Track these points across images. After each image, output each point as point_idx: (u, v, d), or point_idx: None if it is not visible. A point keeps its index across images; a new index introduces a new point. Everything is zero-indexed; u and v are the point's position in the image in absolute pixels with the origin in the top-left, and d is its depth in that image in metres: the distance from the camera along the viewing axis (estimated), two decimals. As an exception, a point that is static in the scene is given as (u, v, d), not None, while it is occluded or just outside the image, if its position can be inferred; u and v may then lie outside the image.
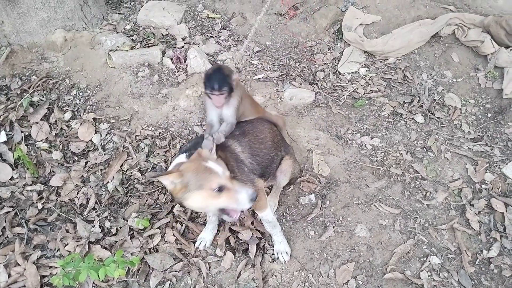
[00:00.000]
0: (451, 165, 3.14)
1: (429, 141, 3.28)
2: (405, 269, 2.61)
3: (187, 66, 3.69)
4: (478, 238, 2.76)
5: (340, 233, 2.76)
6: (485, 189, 2.99)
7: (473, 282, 2.58)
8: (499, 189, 2.99)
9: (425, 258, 2.65)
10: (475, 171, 3.09)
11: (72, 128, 3.32)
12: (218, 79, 2.30)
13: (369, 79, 3.76)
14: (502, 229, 2.77)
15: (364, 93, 3.66)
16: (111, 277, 2.51)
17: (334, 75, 3.81)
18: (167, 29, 4.06)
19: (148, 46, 3.87)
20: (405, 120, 3.45)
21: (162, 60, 3.76)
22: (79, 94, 3.55)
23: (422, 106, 3.51)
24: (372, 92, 3.67)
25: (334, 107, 3.54)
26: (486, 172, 3.08)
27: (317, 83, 3.72)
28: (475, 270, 2.63)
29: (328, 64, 3.91)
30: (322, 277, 2.57)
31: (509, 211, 2.84)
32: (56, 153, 3.17)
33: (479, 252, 2.70)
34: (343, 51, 3.97)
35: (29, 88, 3.49)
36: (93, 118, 3.36)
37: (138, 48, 3.83)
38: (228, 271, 2.61)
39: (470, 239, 2.76)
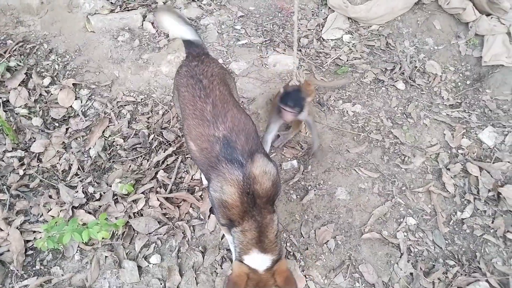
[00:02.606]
0: (430, 131, 3.22)
1: (409, 108, 3.34)
2: (382, 230, 2.71)
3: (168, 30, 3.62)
4: (453, 200, 2.87)
5: (321, 196, 2.84)
6: (461, 153, 3.09)
7: (446, 242, 2.70)
8: (475, 154, 3.09)
9: (402, 219, 2.76)
10: (452, 137, 3.18)
11: (51, 94, 3.26)
12: (295, 97, 2.53)
13: (353, 46, 3.76)
14: (475, 192, 2.89)
15: (347, 60, 3.67)
16: (96, 240, 2.55)
17: (317, 42, 3.80)
18: (147, -8, 3.94)
19: (128, 10, 3.76)
20: (387, 87, 3.49)
21: (142, 25, 3.68)
22: (57, 59, 3.46)
23: (403, 73, 3.55)
24: (355, 59, 3.68)
25: (317, 74, 3.54)
26: (463, 138, 3.17)
27: (300, 50, 3.70)
28: (449, 230, 2.75)
29: (312, 30, 3.88)
30: (303, 237, 2.66)
31: (483, 174, 2.95)
32: (36, 119, 3.11)
33: (453, 213, 2.82)
34: (327, 17, 3.94)
35: (5, 52, 3.39)
36: (73, 84, 3.30)
37: (117, 12, 3.72)
38: (212, 233, 2.67)
39: (445, 201, 2.87)
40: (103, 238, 2.31)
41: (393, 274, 2.56)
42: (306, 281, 2.50)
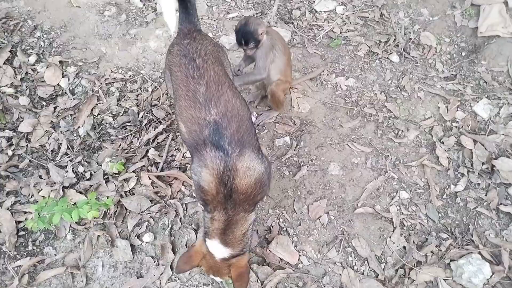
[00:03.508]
0: (424, 104, 3.18)
1: (403, 81, 3.29)
2: (375, 204, 2.71)
3: (156, 4, 3.52)
4: (446, 174, 2.86)
5: (314, 172, 2.82)
6: (456, 126, 3.06)
7: (439, 215, 2.71)
8: (469, 127, 3.07)
9: (395, 194, 2.76)
10: (447, 110, 3.14)
11: (38, 72, 3.17)
12: (244, 34, 2.52)
13: (346, 18, 3.67)
14: (469, 165, 2.87)
15: (341, 33, 3.58)
16: (88, 219, 2.54)
17: (310, 14, 3.70)
18: (133, -36, 3.80)
19: (114, -17, 3.64)
20: (381, 60, 3.42)
21: (129, -2, 3.57)
22: (43, 36, 3.36)
23: (397, 45, 3.47)
24: (348, 31, 3.59)
25: (310, 47, 3.47)
26: (457, 110, 3.14)
27: (292, 22, 3.61)
28: (442, 203, 2.75)
29: (304, 2, 3.77)
30: (296, 213, 2.66)
31: (477, 147, 2.93)
32: (23, 98, 3.04)
33: (447, 187, 2.82)
34: (319, -12, 3.83)
35: (-13, 30, 3.29)
36: (60, 61, 3.21)
37: (103, -14, 3.60)
38: (204, 211, 2.65)
39: (438, 175, 2.86)
40: (94, 218, 2.29)
41: (386, 248, 2.57)
42: (299, 256, 2.51)
